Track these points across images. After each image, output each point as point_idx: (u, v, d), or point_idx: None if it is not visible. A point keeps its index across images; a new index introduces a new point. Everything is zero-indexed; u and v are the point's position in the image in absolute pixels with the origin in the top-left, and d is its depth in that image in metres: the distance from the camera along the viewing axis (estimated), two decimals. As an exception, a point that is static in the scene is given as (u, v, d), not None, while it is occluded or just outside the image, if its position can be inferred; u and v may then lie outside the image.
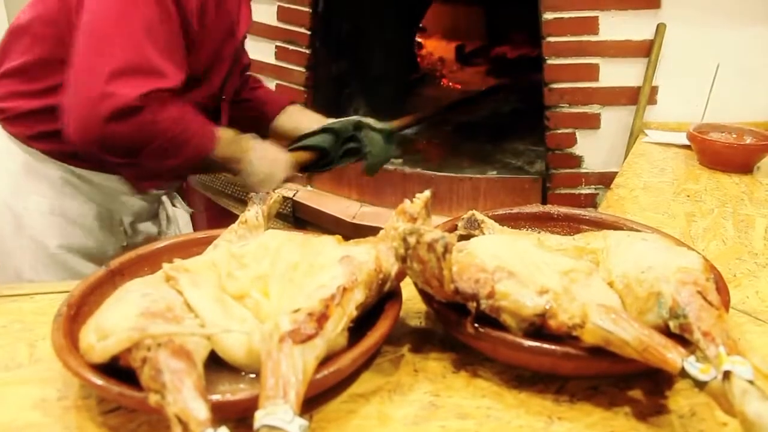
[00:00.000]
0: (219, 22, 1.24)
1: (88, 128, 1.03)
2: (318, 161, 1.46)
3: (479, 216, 0.86)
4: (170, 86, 1.08)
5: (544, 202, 2.03)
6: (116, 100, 1.02)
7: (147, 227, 1.40)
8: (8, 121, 1.21)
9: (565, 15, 1.87)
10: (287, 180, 1.34)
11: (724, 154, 1.49)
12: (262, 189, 1.27)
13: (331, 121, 1.50)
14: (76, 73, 1.05)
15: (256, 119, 1.54)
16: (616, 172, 1.54)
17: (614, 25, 1.87)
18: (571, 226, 0.92)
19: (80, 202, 1.25)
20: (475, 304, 0.66)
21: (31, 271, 1.25)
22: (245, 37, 1.42)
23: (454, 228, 0.87)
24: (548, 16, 1.87)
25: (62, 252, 1.26)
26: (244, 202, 2.38)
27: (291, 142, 1.46)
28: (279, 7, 2.29)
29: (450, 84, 3.16)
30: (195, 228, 1.68)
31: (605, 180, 1.91)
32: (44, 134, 1.18)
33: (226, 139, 1.23)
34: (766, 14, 1.86)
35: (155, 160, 1.13)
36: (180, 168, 1.21)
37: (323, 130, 1.44)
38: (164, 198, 1.45)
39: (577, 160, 1.98)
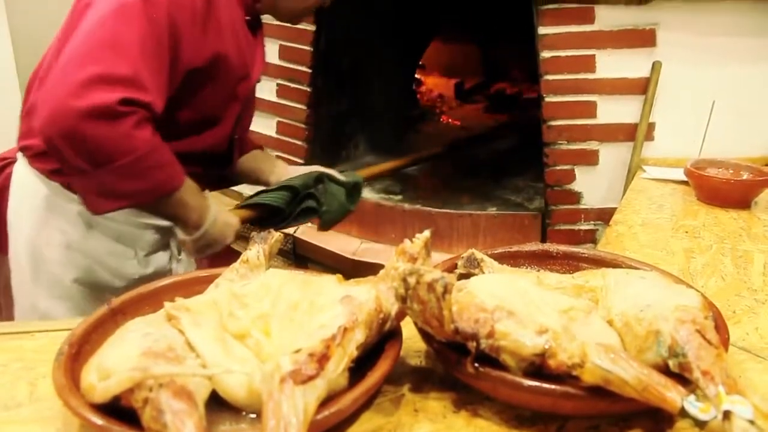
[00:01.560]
0: (235, 64, 1.26)
1: (61, 119, 1.01)
2: (271, 218, 1.45)
3: (479, 255, 0.86)
4: (149, 101, 1.07)
5: (543, 238, 2.04)
6: (95, 98, 1.01)
7: (159, 258, 1.41)
8: (34, 157, 1.24)
9: (562, 53, 1.89)
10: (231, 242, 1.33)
11: (722, 190, 1.50)
12: (204, 252, 1.27)
13: (293, 174, 1.50)
14: (60, 69, 1.04)
15: None
16: (615, 208, 1.55)
17: (611, 64, 1.89)
18: (570, 264, 0.92)
19: (96, 236, 1.27)
20: (475, 344, 0.66)
21: (45, 302, 1.29)
22: (259, 80, 1.44)
23: (454, 267, 0.87)
24: (546, 54, 1.90)
25: (77, 285, 1.29)
26: (245, 239, 2.39)
27: (247, 197, 1.47)
28: (281, 45, 2.33)
29: (449, 120, 3.19)
30: (197, 265, 1.69)
31: (604, 216, 1.92)
32: None
33: (192, 186, 1.21)
34: (758, 54, 1.89)
35: (118, 177, 1.08)
36: (138, 195, 1.14)
37: (282, 188, 1.44)
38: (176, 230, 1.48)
39: (576, 197, 1.99)
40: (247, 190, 2.18)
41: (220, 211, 1.28)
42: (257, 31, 1.41)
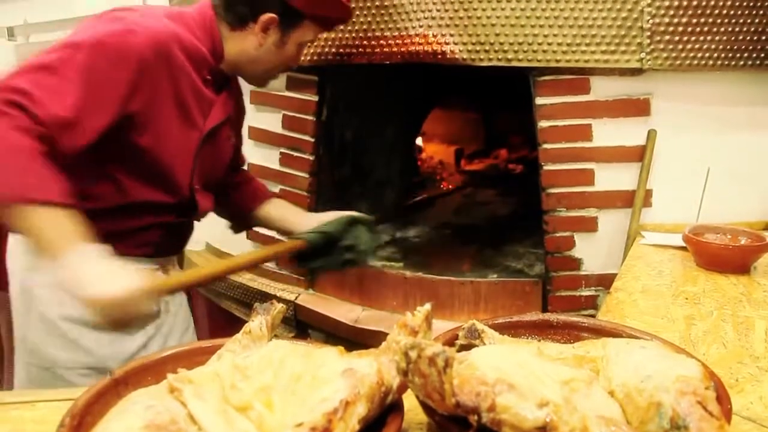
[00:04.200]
0: (174, 118, 1.36)
1: None
2: (304, 256, 1.56)
3: (479, 326, 0.87)
4: (37, 113, 1.11)
5: (544, 304, 2.04)
6: None
7: None
8: None
9: (560, 123, 1.93)
10: (150, 316, 1.15)
11: (721, 256, 1.51)
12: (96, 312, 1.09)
13: (319, 220, 1.61)
14: None
15: (236, 206, 1.66)
16: (615, 274, 1.56)
17: (607, 132, 1.93)
18: (570, 333, 0.93)
19: None
20: (476, 417, 0.66)
21: (36, 339, 1.38)
22: (226, 133, 1.54)
23: (455, 337, 0.88)
24: (543, 124, 1.94)
25: (65, 322, 1.36)
26: (247, 305, 2.39)
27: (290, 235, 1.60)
28: (284, 115, 2.38)
29: (449, 187, 3.23)
30: (198, 334, 1.69)
31: (605, 281, 1.93)
32: None
33: (64, 218, 1.10)
34: (751, 121, 1.93)
35: None
36: None
37: (319, 230, 1.55)
38: (160, 273, 1.50)
39: (576, 263, 2.00)
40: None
41: (106, 261, 1.11)
42: (223, 89, 1.49)
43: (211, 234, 2.93)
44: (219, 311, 2.60)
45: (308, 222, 1.62)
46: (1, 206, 1.09)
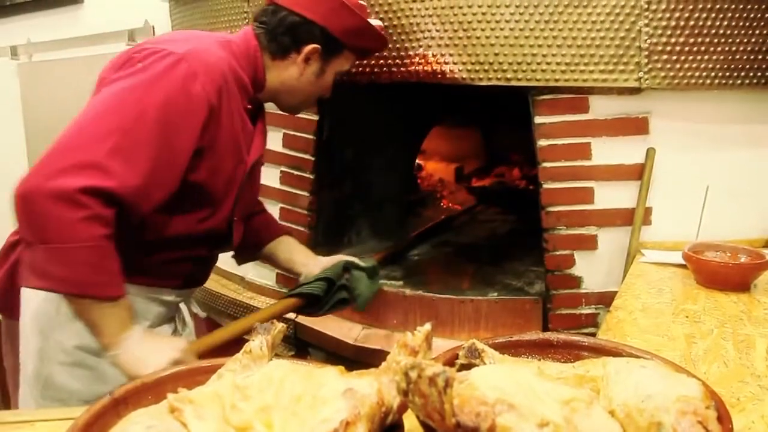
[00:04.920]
0: (231, 150, 1.35)
1: (30, 194, 1.10)
2: (308, 306, 1.62)
3: (480, 345, 0.87)
4: (111, 186, 1.13)
5: (545, 323, 2.04)
6: (62, 183, 1.09)
7: (163, 330, 1.46)
8: None
9: (559, 142, 1.94)
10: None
11: (721, 274, 1.51)
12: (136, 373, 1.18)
13: (323, 264, 1.68)
14: (47, 154, 1.13)
15: (247, 239, 1.63)
16: (616, 292, 1.56)
17: (606, 151, 1.94)
18: (570, 352, 0.93)
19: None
20: (477, 437, 0.66)
21: (51, 369, 1.35)
22: (259, 164, 1.53)
23: (455, 357, 0.88)
24: (542, 143, 1.95)
25: (79, 352, 1.34)
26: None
27: (290, 290, 1.64)
28: (285, 134, 2.39)
29: (450, 205, 3.23)
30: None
31: (605, 299, 1.93)
32: None
33: (120, 312, 1.20)
34: (749, 139, 1.94)
35: (49, 257, 1.13)
36: (60, 283, 1.15)
37: (320, 279, 1.61)
38: (181, 305, 1.52)
39: (576, 281, 2.00)
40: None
41: (148, 338, 1.24)
42: (258, 118, 1.50)
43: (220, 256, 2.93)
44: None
45: (314, 266, 1.67)
46: (68, 296, 1.19)
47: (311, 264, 1.69)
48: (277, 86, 1.49)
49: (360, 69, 2.05)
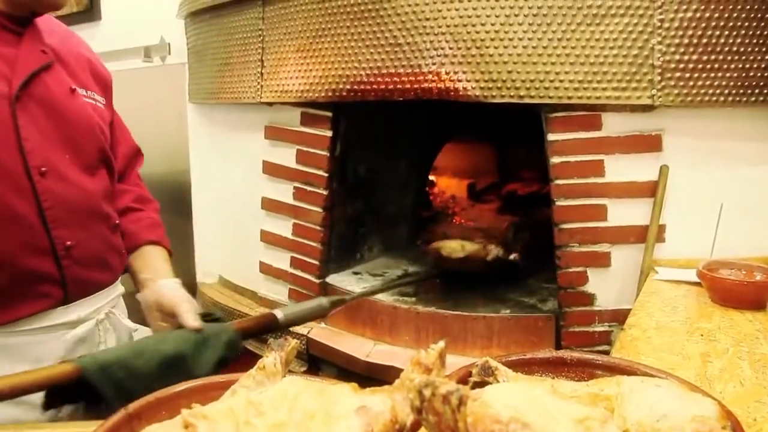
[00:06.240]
0: None
1: None
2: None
3: (493, 363, 0.87)
4: None
5: (558, 340, 2.03)
6: None
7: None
8: None
9: (572, 159, 1.94)
10: None
11: (735, 292, 1.49)
12: None
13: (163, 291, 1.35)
14: None
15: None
16: (629, 309, 1.55)
17: (619, 168, 1.94)
18: (584, 371, 0.92)
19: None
20: (490, 456, 0.66)
21: None
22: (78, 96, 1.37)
23: (469, 374, 0.88)
24: (555, 160, 1.95)
25: None
26: (261, 339, 2.39)
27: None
28: (298, 150, 2.41)
29: (462, 221, 3.23)
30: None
31: (619, 317, 1.92)
32: None
33: None
34: (763, 157, 1.93)
35: None
36: None
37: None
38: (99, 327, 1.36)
39: (589, 298, 1.99)
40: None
41: None
42: (25, 29, 1.28)
43: (223, 266, 2.95)
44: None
45: (150, 294, 1.36)
46: None
47: (148, 291, 1.37)
48: None
49: (373, 85, 2.06)
